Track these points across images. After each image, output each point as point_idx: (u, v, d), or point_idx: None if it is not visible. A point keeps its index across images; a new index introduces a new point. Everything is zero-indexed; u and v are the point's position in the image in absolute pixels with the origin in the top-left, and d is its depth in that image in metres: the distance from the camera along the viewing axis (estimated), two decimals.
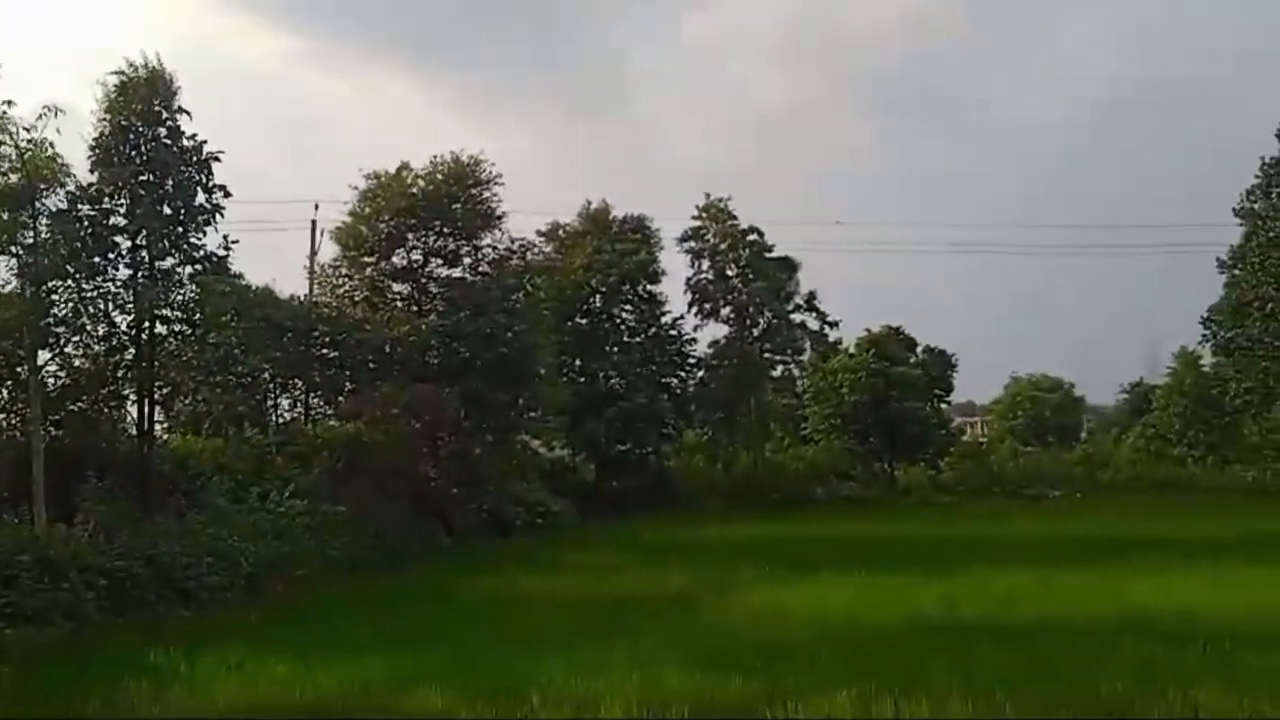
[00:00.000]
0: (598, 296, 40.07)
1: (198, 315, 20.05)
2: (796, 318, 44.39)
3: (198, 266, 20.17)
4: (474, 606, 15.45)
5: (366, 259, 31.14)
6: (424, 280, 31.44)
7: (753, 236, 43.15)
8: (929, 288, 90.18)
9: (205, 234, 20.32)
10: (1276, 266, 39.09)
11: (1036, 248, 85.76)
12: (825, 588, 15.45)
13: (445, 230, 30.87)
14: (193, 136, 20.17)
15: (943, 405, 50.75)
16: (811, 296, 44.45)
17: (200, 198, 20.23)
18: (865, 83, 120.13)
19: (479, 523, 27.60)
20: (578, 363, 39.76)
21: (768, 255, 43.19)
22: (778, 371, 46.98)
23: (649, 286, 40.95)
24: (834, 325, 45.06)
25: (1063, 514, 32.84)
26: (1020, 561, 17.72)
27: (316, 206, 33.35)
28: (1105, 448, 54.86)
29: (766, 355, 44.67)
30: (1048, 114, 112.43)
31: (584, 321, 40.06)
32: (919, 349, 48.57)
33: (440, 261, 31.57)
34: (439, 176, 30.67)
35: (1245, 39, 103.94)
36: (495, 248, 31.84)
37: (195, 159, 20.17)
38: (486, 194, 31.13)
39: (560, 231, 41.23)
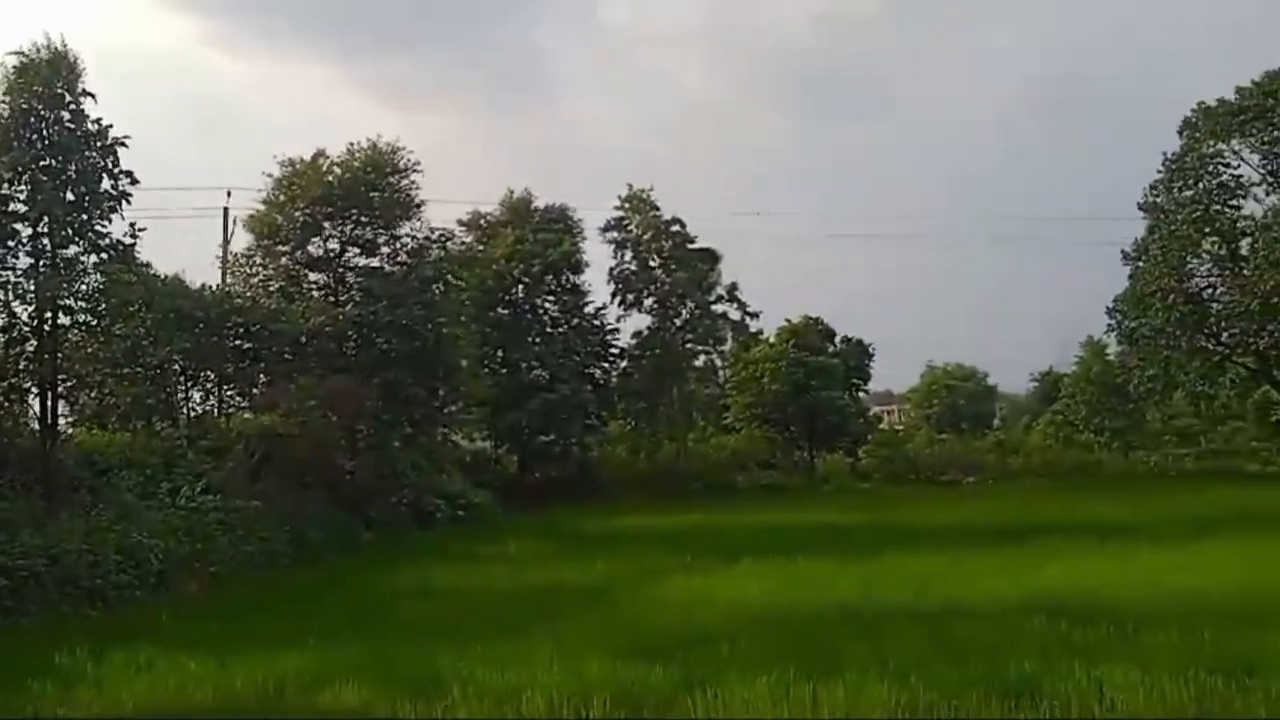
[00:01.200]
0: (520, 287, 39.84)
1: (103, 305, 19.41)
2: (718, 308, 44.75)
3: (103, 255, 19.51)
4: (393, 600, 15.23)
5: (281, 248, 30.47)
6: (341, 270, 30.90)
7: (675, 227, 43.32)
8: (848, 278, 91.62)
9: (111, 221, 19.67)
10: (1177, 259, 40.53)
11: (951, 239, 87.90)
12: (746, 575, 15.58)
13: (363, 219, 30.36)
14: (97, 120, 19.48)
15: (861, 394, 51.78)
16: (733, 287, 44.85)
17: (105, 183, 19.55)
18: (783, 75, 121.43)
19: (398, 516, 27.25)
20: (500, 354, 39.52)
21: (690, 246, 43.40)
22: (700, 361, 47.36)
23: (572, 277, 40.87)
24: (755, 316, 45.57)
25: (976, 499, 33.65)
26: (935, 546, 18.11)
27: (229, 194, 32.59)
28: (1016, 435, 56.47)
29: (689, 345, 44.93)
30: (963, 107, 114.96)
31: (506, 312, 39.80)
32: (838, 339, 49.40)
33: (358, 251, 31.06)
34: (356, 164, 30.13)
35: (1151, 38, 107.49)
36: (414, 237, 31.43)
37: (100, 143, 19.47)
38: (405, 182, 30.71)
39: (481, 221, 40.88)
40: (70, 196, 19.13)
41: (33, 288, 18.67)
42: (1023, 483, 41.73)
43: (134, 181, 19.86)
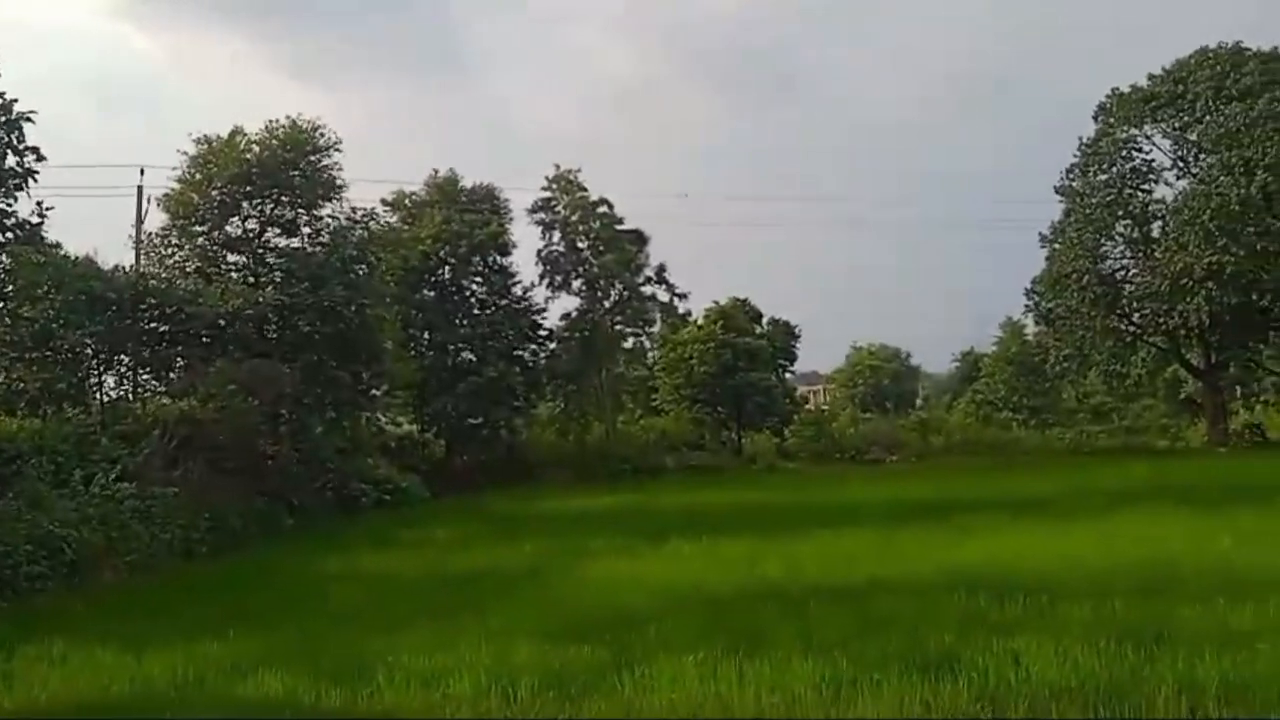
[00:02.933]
0: (446, 268, 39.41)
1: (9, 287, 18.70)
2: (647, 290, 44.86)
3: (8, 235, 18.77)
4: (318, 587, 15.00)
5: (198, 228, 29.67)
6: (261, 251, 30.21)
7: (603, 209, 43.22)
8: (775, 260, 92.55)
9: (16, 200, 18.92)
10: (1092, 241, 41.77)
11: (874, 221, 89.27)
12: (674, 555, 15.67)
13: (283, 199, 29.69)
14: (1, 94, 18.69)
15: (787, 375, 52.41)
16: (661, 269, 44.98)
17: (10, 160, 18.78)
18: (708, 57, 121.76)
19: (323, 501, 26.86)
20: (426, 336, 39.08)
21: (618, 228, 43.35)
22: (629, 343, 47.46)
23: (499, 258, 40.54)
24: (683, 297, 45.78)
25: (899, 478, 34.30)
26: (860, 524, 18.41)
27: (142, 172, 31.51)
28: (938, 413, 57.77)
29: (618, 327, 44.97)
30: (886, 90, 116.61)
31: (432, 294, 39.34)
32: (765, 321, 49.88)
33: (278, 231, 30.40)
34: (275, 142, 29.41)
35: (1070, 20, 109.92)
36: (336, 217, 30.88)
37: (4, 119, 18.69)
38: (326, 161, 30.08)
39: (406, 201, 40.32)
40: None
41: None
42: (944, 460, 42.65)
43: (40, 158, 19.13)
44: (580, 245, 43.07)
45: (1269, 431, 44.11)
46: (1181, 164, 42.44)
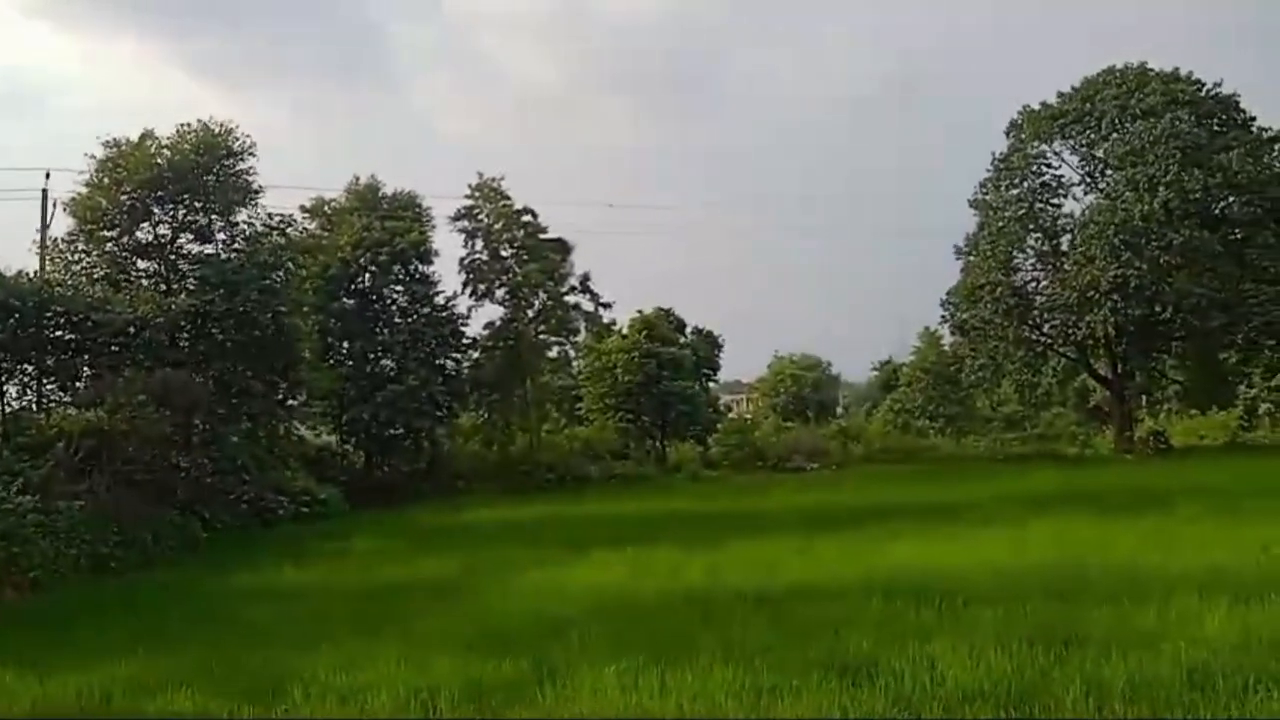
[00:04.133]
0: (367, 276, 38.79)
1: None
2: (571, 299, 44.68)
3: None
4: (232, 603, 14.63)
5: (107, 233, 28.81)
6: (173, 257, 29.44)
7: (527, 217, 42.99)
8: (697, 269, 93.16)
9: None
10: (1005, 254, 42.93)
11: (796, 230, 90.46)
12: (598, 565, 15.64)
13: (196, 204, 28.98)
14: None
15: (711, 384, 52.75)
16: (586, 278, 44.86)
17: None
18: (627, 64, 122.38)
19: (238, 515, 26.20)
20: (345, 344, 38.41)
21: (542, 236, 43.19)
22: (553, 352, 47.25)
23: (421, 266, 40.01)
24: (608, 306, 45.72)
25: (820, 485, 34.75)
26: (781, 531, 18.61)
27: (48, 175, 30.43)
28: (858, 422, 58.70)
29: (541, 336, 44.74)
30: (805, 99, 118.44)
31: (352, 302, 38.68)
32: (688, 330, 50.16)
33: (191, 237, 29.67)
34: (187, 146, 28.70)
35: (985, 39, 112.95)
36: (252, 223, 30.20)
37: None
38: (241, 165, 29.43)
39: (326, 208, 39.60)
40: None
41: None
42: (864, 468, 43.33)
43: None
44: (504, 254, 42.78)
45: (1172, 438, 45.78)
46: (1089, 179, 43.90)
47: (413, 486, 36.42)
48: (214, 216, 29.41)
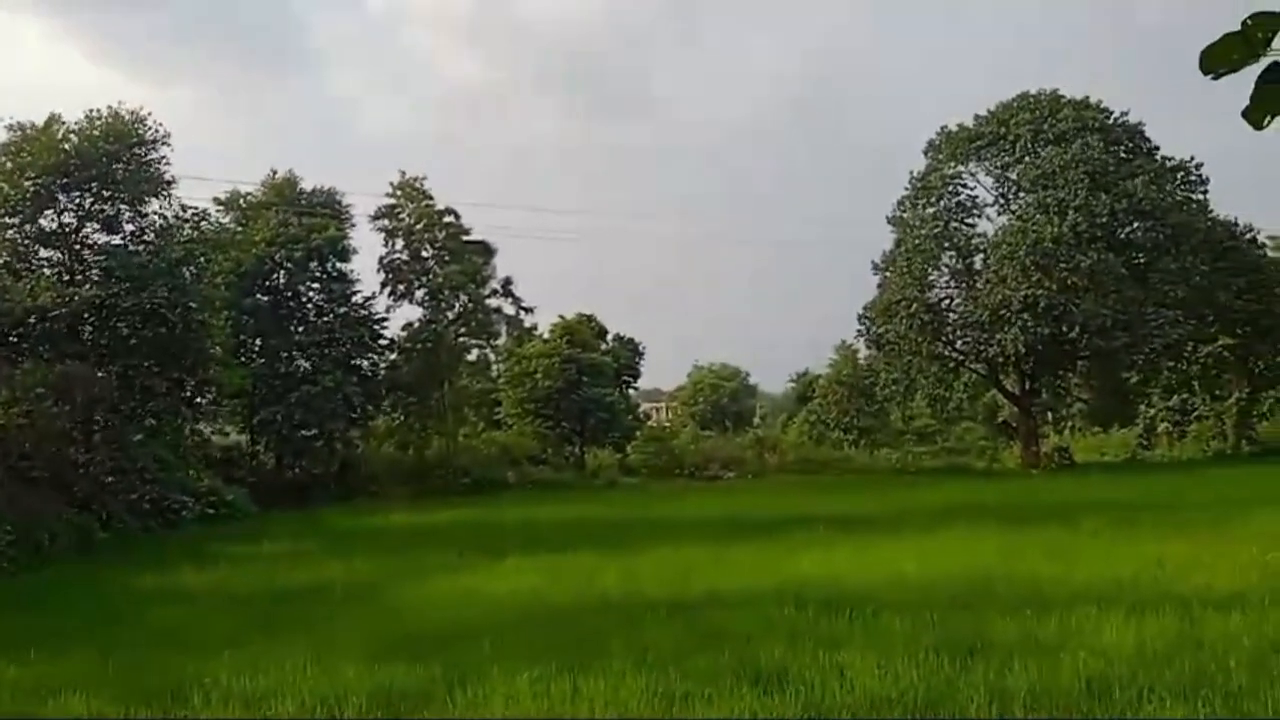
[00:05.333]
0: (282, 272, 37.97)
1: None
2: (493, 302, 44.43)
3: None
4: (132, 605, 14.15)
5: (8, 220, 27.68)
6: (78, 247, 28.41)
7: (449, 218, 42.59)
8: (620, 276, 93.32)
9: None
10: (920, 271, 43.83)
11: (719, 241, 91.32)
12: (512, 571, 15.53)
13: (104, 193, 28.03)
14: None
15: (631, 391, 52.86)
16: (508, 281, 44.67)
17: None
18: (551, 67, 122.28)
19: (140, 514, 25.40)
20: (258, 343, 37.51)
21: (465, 238, 42.82)
22: (473, 356, 46.87)
23: (339, 264, 39.32)
24: (529, 311, 45.58)
25: (736, 494, 35.04)
26: (696, 539, 18.69)
27: None
28: (774, 432, 59.38)
29: (461, 339, 44.34)
30: (727, 112, 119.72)
31: (266, 299, 37.82)
32: (610, 337, 50.21)
33: (98, 227, 28.66)
34: (96, 133, 27.74)
35: (905, 59, 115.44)
36: (163, 215, 29.30)
37: None
38: (153, 155, 28.56)
39: (241, 202, 38.69)
40: None
41: None
42: (779, 478, 43.84)
43: None
44: (425, 254, 42.28)
45: (1075, 455, 47.27)
46: (1002, 201, 45.12)
47: (324, 489, 35.75)
48: (123, 206, 28.47)
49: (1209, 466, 39.27)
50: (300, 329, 38.13)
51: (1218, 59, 2.91)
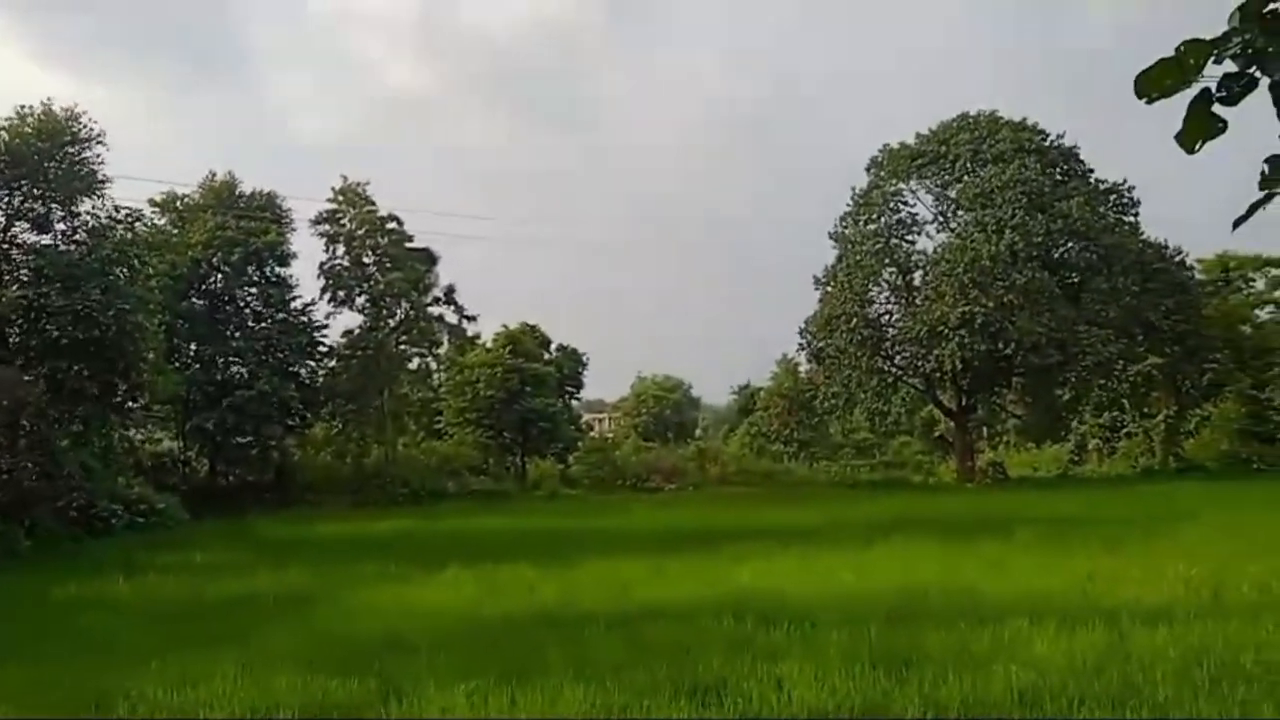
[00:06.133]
0: (219, 276, 37.31)
1: None
2: (435, 310, 44.05)
3: None
4: (56, 614, 13.76)
5: None
6: (6, 246, 27.59)
7: (392, 224, 42.18)
8: (565, 286, 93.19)
9: None
10: (861, 286, 44.39)
11: (662, 252, 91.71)
12: (451, 583, 15.38)
13: (35, 191, 27.27)
14: None
15: (574, 402, 52.71)
16: (451, 290, 44.35)
17: None
18: (494, 77, 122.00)
19: (66, 522, 24.68)
20: (193, 347, 36.77)
21: (408, 245, 42.43)
22: (414, 364, 46.41)
23: (278, 269, 38.76)
24: (472, 319, 45.28)
25: (676, 505, 35.08)
26: (637, 551, 18.68)
27: None
28: (716, 444, 59.66)
29: (402, 347, 43.89)
30: (669, 126, 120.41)
31: (202, 302, 37.13)
32: (553, 347, 50.05)
33: (27, 226, 27.86)
34: (27, 129, 27.02)
35: (849, 79, 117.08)
36: (96, 215, 28.57)
37: None
38: (87, 153, 27.86)
39: (178, 203, 37.96)
40: None
41: None
42: (720, 490, 44.03)
43: None
44: (366, 261, 41.80)
45: (1009, 469, 48.16)
46: (942, 219, 45.92)
47: (259, 497, 35.12)
48: (54, 205, 27.72)
49: (1137, 482, 40.25)
50: (237, 334, 37.46)
51: (1152, 84, 2.99)
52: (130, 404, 29.85)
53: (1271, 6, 2.87)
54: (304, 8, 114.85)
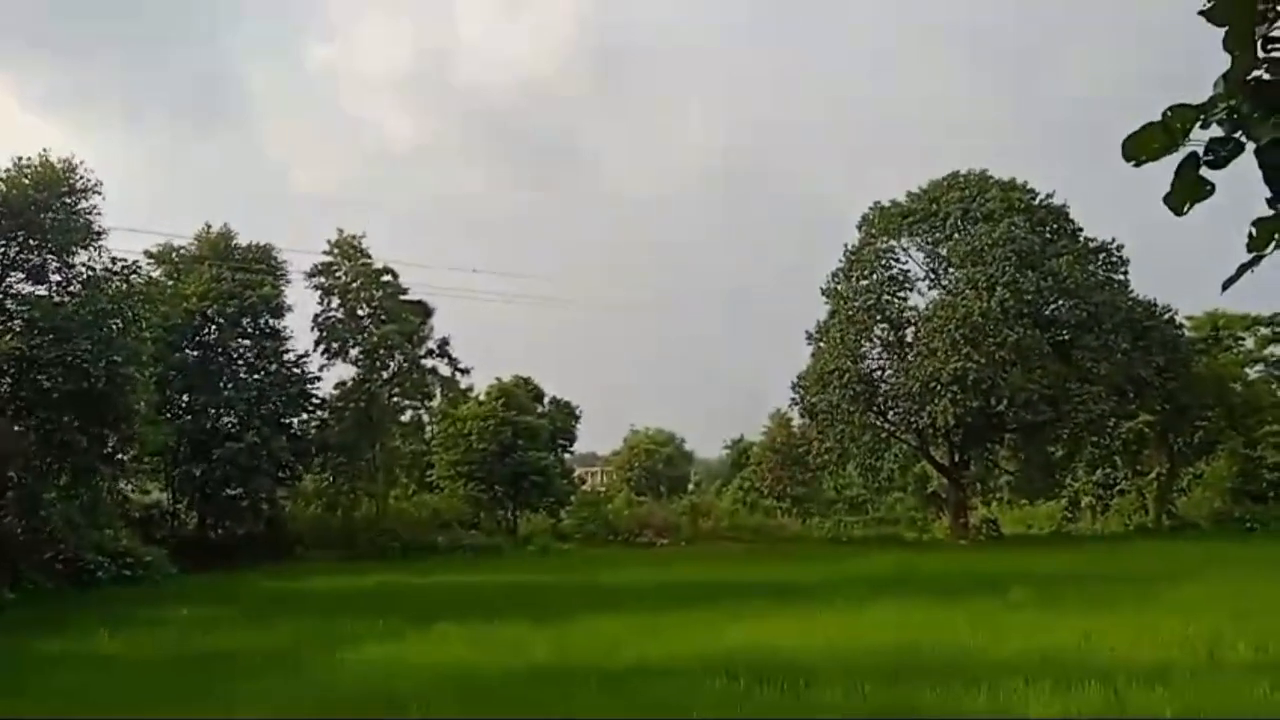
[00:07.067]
0: (213, 328, 37.30)
1: None
2: (428, 362, 43.98)
3: None
4: (38, 669, 13.52)
5: None
6: (1, 297, 27.56)
7: (386, 277, 42.31)
8: (560, 339, 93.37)
9: None
10: (853, 342, 44.51)
11: (657, 307, 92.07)
12: (440, 639, 15.20)
13: (31, 241, 27.31)
14: None
15: (566, 455, 52.50)
16: (445, 342, 44.30)
17: None
18: (493, 133, 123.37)
19: (52, 575, 24.41)
20: (185, 398, 36.64)
21: (402, 298, 42.53)
22: (406, 416, 46.23)
23: (272, 320, 38.76)
24: (465, 372, 45.18)
25: (669, 561, 34.83)
26: (629, 608, 18.52)
27: None
28: (708, 499, 59.30)
29: (395, 399, 43.78)
30: (663, 182, 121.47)
31: (195, 354, 37.07)
32: (546, 400, 49.97)
33: (22, 276, 27.86)
34: (25, 180, 27.15)
35: (832, 134, 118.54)
36: (92, 267, 28.60)
37: None
38: (84, 204, 27.96)
39: (174, 255, 38.05)
40: None
41: None
42: (712, 545, 43.72)
43: None
44: (360, 313, 41.85)
45: (1003, 526, 47.93)
46: (933, 275, 46.19)
47: (248, 550, 34.75)
48: (49, 256, 27.76)
49: (1131, 540, 40.10)
50: (230, 385, 37.36)
51: (1139, 147, 3.04)
52: (120, 455, 29.65)
53: (1255, 74, 2.93)
54: (301, 64, 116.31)
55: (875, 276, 45.69)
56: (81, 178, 27.98)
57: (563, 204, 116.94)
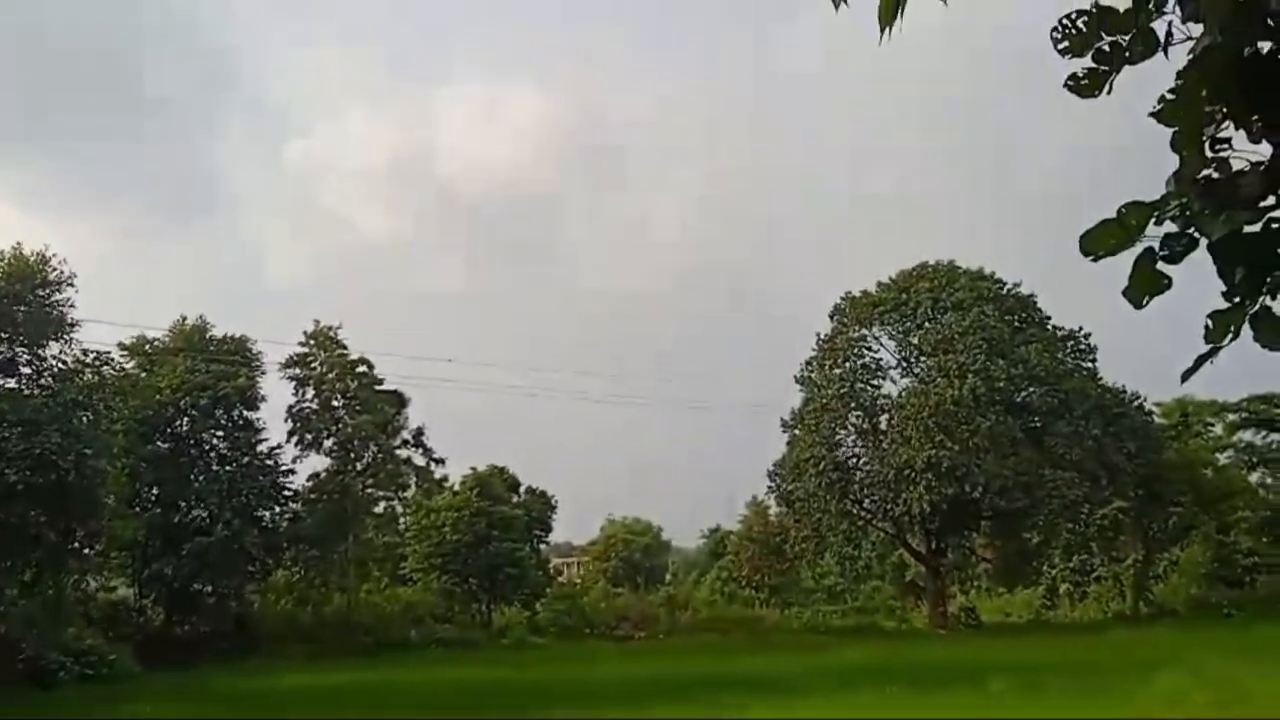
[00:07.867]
0: (185, 419, 36.97)
1: None
2: (403, 453, 43.72)
3: None
4: None
5: None
6: None
7: (361, 368, 42.27)
8: (533, 430, 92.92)
9: None
10: (828, 430, 44.69)
11: (630, 398, 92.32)
12: None
13: (2, 334, 27.19)
14: None
15: (542, 546, 51.86)
16: (419, 432, 44.11)
17: None
18: (468, 226, 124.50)
19: (12, 675, 23.65)
20: (155, 491, 36.10)
21: (377, 388, 42.42)
22: (380, 508, 45.69)
23: (246, 412, 38.51)
24: (440, 462, 44.88)
25: (646, 655, 34.24)
26: (607, 704, 18.17)
27: None
28: (686, 589, 58.58)
29: (369, 490, 43.33)
30: (638, 270, 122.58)
31: (167, 446, 36.65)
32: (522, 489, 49.55)
33: None
34: None
35: (809, 228, 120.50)
36: (63, 360, 28.45)
37: None
38: (57, 296, 27.96)
39: (147, 347, 37.89)
40: None
41: None
42: (690, 638, 43.07)
43: None
44: (335, 404, 41.69)
45: (982, 614, 47.56)
46: (905, 364, 46.67)
47: (215, 647, 33.88)
48: (20, 349, 27.61)
49: (1110, 628, 39.86)
50: (201, 478, 36.90)
51: (1096, 243, 3.15)
52: (87, 550, 29.08)
53: (1205, 173, 3.06)
54: (278, 156, 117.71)
55: (848, 365, 46.14)
56: (55, 269, 28.05)
57: (538, 296, 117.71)
